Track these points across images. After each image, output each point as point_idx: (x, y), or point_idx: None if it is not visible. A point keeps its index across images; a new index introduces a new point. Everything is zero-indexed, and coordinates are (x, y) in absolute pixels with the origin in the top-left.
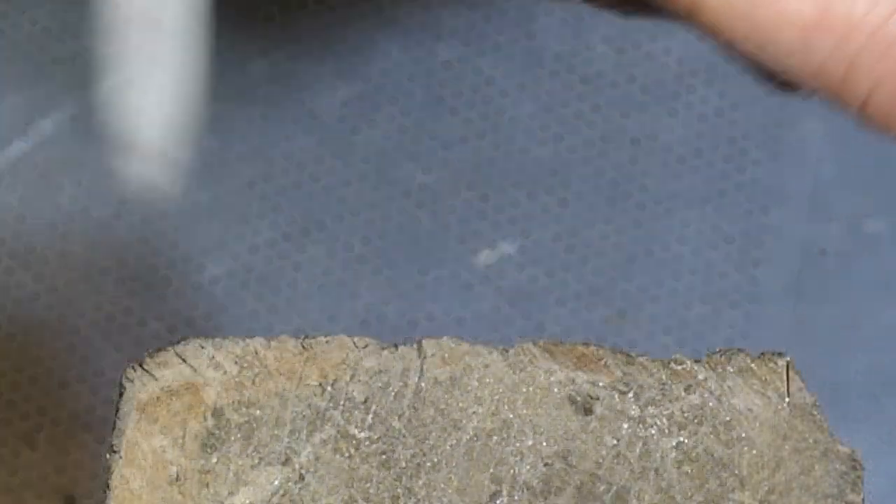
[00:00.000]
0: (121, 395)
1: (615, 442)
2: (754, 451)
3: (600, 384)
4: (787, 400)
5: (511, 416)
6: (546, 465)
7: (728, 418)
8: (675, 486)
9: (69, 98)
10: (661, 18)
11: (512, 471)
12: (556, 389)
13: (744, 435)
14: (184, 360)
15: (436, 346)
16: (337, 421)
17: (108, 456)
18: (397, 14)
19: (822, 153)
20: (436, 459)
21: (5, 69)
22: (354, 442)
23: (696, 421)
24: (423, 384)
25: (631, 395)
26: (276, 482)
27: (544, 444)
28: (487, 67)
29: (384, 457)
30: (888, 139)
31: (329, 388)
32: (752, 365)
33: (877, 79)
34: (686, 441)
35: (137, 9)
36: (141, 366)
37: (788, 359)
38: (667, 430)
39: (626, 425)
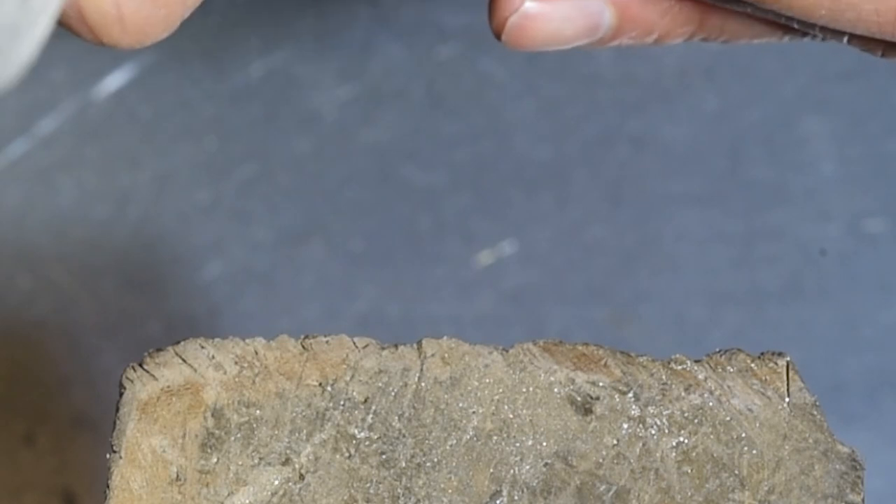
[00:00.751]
0: (121, 395)
1: (615, 442)
2: (754, 451)
3: (600, 384)
4: (787, 400)
5: (511, 416)
6: (546, 465)
7: (728, 418)
8: (675, 486)
9: (69, 98)
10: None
11: (512, 471)
12: (556, 389)
13: (744, 435)
14: (184, 360)
15: (436, 346)
16: (337, 421)
17: (108, 456)
18: (397, 14)
19: (822, 153)
20: (436, 459)
21: None
22: (354, 442)
23: (696, 421)
24: (423, 384)
25: (631, 395)
26: (276, 482)
27: (544, 444)
28: (487, 67)
29: (384, 457)
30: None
31: (329, 388)
32: (752, 365)
33: None
34: (686, 441)
35: None
36: (141, 366)
37: (788, 359)
38: (667, 430)
39: (626, 425)
